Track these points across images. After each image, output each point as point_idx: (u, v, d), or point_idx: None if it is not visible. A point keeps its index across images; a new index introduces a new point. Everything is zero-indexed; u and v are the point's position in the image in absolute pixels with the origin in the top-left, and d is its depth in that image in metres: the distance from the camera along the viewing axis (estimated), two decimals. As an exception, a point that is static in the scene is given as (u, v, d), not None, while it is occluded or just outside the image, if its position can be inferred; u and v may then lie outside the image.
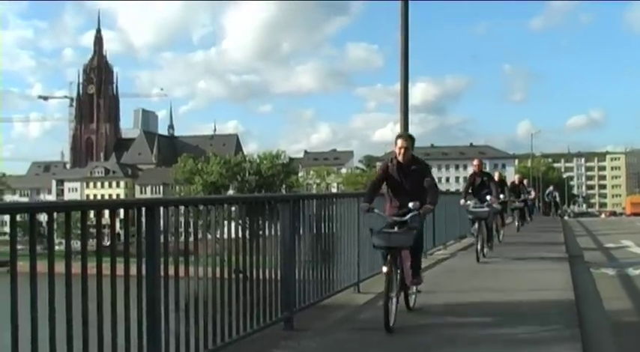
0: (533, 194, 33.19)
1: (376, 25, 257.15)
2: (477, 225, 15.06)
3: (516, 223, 25.46)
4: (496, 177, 19.23)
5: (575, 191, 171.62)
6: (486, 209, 15.20)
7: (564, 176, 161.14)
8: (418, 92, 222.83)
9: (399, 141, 8.47)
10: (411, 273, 8.61)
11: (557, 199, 45.24)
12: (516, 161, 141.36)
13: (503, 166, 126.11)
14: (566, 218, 50.93)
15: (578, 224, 36.42)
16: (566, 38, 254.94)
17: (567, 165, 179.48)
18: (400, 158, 8.43)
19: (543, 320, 8.22)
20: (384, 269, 7.90)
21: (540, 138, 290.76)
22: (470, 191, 16.21)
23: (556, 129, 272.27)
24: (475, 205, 15.36)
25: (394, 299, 7.91)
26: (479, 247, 14.66)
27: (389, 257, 7.94)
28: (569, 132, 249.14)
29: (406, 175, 8.44)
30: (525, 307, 8.98)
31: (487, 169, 20.13)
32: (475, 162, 17.23)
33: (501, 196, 17.47)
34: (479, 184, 16.04)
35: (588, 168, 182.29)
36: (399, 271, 8.17)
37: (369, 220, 9.20)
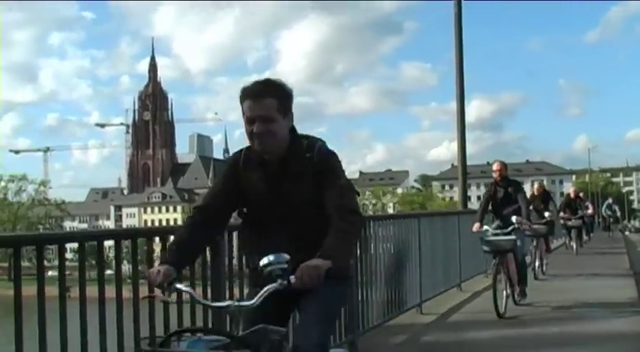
0: (591, 209, 28.21)
1: (430, 44, 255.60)
2: (497, 260, 9.92)
3: (574, 246, 21.12)
4: (535, 190, 16.73)
5: (635, 205, 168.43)
6: (512, 237, 10.06)
7: (624, 190, 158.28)
8: (473, 109, 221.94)
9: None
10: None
11: (618, 213, 37.54)
12: (574, 176, 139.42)
13: (561, 182, 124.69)
14: (627, 233, 48.27)
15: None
16: (623, 51, 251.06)
17: (626, 179, 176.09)
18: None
19: (609, 340, 8.06)
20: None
21: (598, 152, 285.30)
22: (490, 209, 11.26)
23: (614, 143, 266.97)
24: (495, 230, 10.35)
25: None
26: (502, 293, 9.78)
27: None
28: (628, 146, 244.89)
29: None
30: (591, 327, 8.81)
31: (545, 184, 17.99)
32: (495, 166, 11.09)
33: (547, 214, 15.32)
34: (502, 198, 10.92)
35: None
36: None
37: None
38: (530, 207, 13.34)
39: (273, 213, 3.64)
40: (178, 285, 3.38)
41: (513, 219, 10.17)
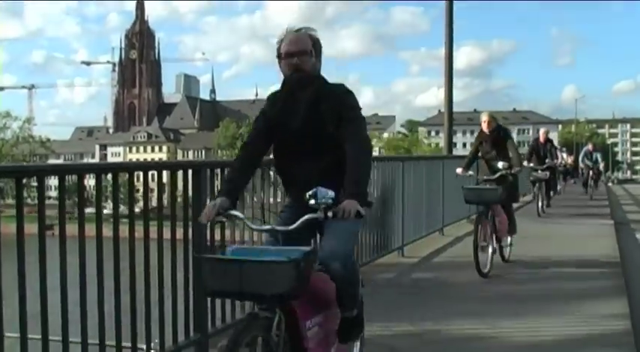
0: (561, 158, 24.79)
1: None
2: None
3: (539, 204, 16.81)
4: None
5: (619, 157, 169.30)
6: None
7: (608, 142, 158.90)
8: (463, 56, 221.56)
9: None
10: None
11: (601, 165, 27.80)
12: (560, 126, 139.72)
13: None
14: (609, 185, 47.92)
15: (623, 190, 36.06)
16: (619, 3, 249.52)
17: (612, 131, 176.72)
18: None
19: (590, 281, 8.17)
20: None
21: (586, 103, 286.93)
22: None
23: (602, 95, 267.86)
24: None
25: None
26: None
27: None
28: (616, 98, 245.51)
29: None
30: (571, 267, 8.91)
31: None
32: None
33: (500, 164, 9.41)
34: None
35: (633, 134, 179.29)
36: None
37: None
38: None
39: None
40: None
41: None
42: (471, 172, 10.23)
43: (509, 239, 9.63)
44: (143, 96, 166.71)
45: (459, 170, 10.05)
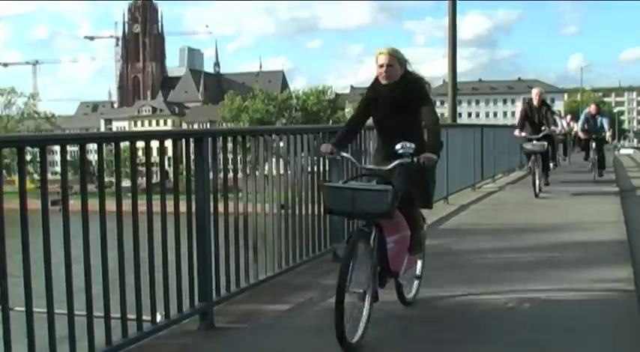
0: (561, 126, 21.63)
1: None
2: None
3: (536, 182, 13.80)
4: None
5: (625, 126, 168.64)
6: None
7: (615, 110, 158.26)
8: (468, 25, 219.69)
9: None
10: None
11: (607, 134, 18.59)
12: (565, 95, 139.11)
13: (553, 100, 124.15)
14: (616, 153, 46.87)
15: (629, 158, 35.95)
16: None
17: (618, 99, 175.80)
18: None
19: (594, 246, 8.18)
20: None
21: (592, 72, 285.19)
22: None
23: (609, 63, 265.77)
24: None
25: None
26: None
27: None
28: (623, 66, 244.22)
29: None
30: (577, 236, 8.90)
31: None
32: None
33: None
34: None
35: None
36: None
37: None
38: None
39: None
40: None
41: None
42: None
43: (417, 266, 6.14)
44: (147, 70, 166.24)
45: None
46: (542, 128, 13.92)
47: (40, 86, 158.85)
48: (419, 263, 6.05)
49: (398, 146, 5.13)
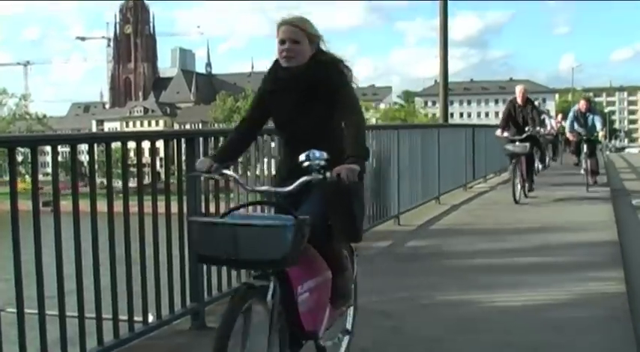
0: (549, 125, 20.48)
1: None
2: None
3: (516, 186, 12.75)
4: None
5: (616, 125, 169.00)
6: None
7: (606, 110, 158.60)
8: (460, 26, 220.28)
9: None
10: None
11: (600, 134, 16.37)
12: (557, 95, 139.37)
13: (544, 100, 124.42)
14: (607, 153, 46.69)
15: (620, 158, 36.11)
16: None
17: (609, 99, 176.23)
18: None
19: (585, 247, 8.21)
20: None
21: (583, 72, 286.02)
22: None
23: (600, 64, 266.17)
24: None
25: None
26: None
27: None
28: (614, 66, 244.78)
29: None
30: (568, 237, 8.93)
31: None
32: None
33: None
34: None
35: (631, 102, 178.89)
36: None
37: None
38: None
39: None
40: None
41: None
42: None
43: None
44: (139, 71, 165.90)
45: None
46: (527, 128, 12.89)
47: (32, 87, 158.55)
48: (350, 311, 4.60)
49: (302, 156, 3.64)
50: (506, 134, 13.06)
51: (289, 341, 3.70)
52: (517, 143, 12.79)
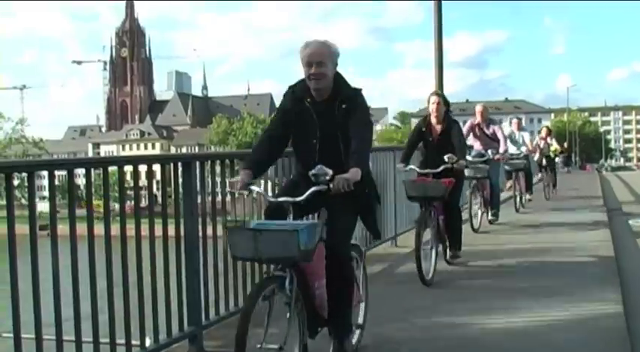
0: (526, 145, 16.36)
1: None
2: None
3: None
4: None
5: (612, 145, 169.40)
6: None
7: (601, 130, 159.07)
8: (457, 47, 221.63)
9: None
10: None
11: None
12: (552, 115, 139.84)
13: (540, 120, 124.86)
14: (603, 172, 46.84)
15: (617, 178, 36.13)
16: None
17: (604, 119, 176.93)
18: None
19: (582, 266, 8.24)
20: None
21: (579, 92, 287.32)
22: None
23: (595, 84, 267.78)
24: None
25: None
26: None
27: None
28: (609, 86, 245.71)
29: None
30: (563, 256, 8.93)
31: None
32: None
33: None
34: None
35: (626, 122, 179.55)
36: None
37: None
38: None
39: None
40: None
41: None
42: None
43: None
44: (135, 94, 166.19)
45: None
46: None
47: (28, 110, 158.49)
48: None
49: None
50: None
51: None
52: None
